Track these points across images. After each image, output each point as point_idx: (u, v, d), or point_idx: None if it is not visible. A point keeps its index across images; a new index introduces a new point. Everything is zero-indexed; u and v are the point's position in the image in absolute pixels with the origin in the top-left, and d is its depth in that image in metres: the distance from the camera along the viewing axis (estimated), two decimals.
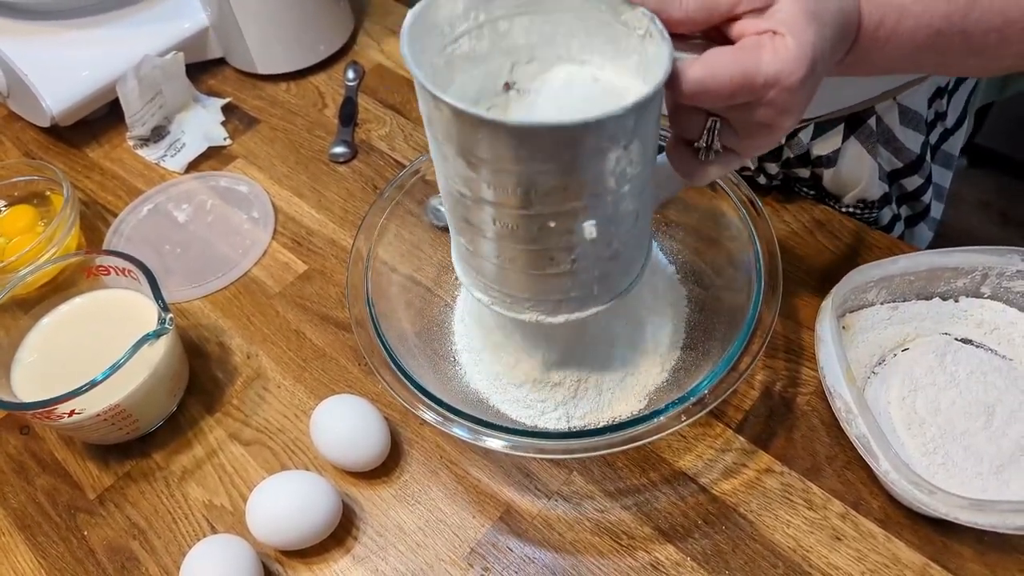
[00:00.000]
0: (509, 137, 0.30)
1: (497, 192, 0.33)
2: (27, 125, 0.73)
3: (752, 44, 0.30)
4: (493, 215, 0.34)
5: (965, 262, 0.49)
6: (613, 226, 0.35)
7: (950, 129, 0.62)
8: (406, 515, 0.46)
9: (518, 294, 0.39)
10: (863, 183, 0.57)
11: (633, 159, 0.32)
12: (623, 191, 0.34)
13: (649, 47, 0.33)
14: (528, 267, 0.37)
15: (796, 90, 0.30)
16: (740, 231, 0.47)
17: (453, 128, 0.31)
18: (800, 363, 0.51)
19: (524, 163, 0.31)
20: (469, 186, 0.34)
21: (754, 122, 0.32)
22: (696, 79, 0.30)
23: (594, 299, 0.40)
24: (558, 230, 0.34)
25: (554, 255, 0.36)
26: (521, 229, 0.34)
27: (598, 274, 0.38)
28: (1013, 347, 0.49)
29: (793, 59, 0.30)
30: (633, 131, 0.31)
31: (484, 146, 0.31)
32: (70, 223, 0.58)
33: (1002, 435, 0.45)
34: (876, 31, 0.33)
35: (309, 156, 0.68)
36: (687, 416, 0.40)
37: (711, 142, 0.34)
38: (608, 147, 0.31)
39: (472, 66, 0.37)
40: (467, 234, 0.38)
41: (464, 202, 0.35)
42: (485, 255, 0.38)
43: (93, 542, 0.47)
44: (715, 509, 0.45)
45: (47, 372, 0.50)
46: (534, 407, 0.47)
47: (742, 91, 0.30)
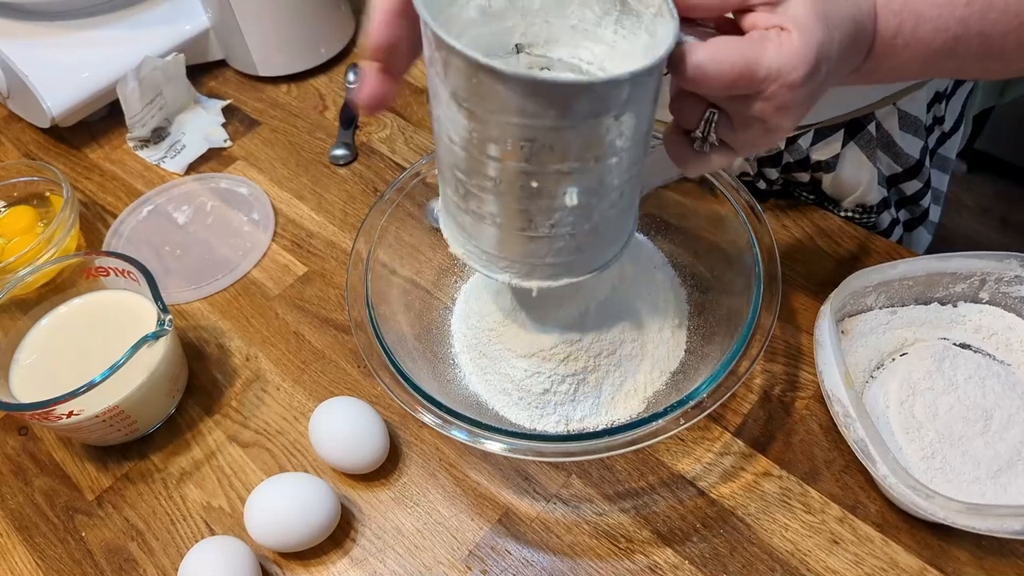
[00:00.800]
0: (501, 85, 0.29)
1: (484, 142, 0.32)
2: (27, 126, 0.73)
3: (759, 37, 0.30)
4: (481, 167, 0.34)
5: (964, 267, 0.49)
6: (595, 198, 0.35)
7: (947, 133, 0.62)
8: (404, 517, 0.46)
9: (494, 251, 0.39)
10: (862, 188, 0.58)
11: (624, 132, 0.32)
12: (610, 163, 0.34)
13: (659, 27, 0.33)
14: (509, 225, 0.36)
15: (796, 87, 0.30)
16: (740, 235, 0.47)
17: (452, 72, 0.31)
18: (799, 367, 0.51)
19: (514, 114, 0.30)
20: (461, 135, 0.33)
21: (752, 116, 0.32)
22: (698, 63, 0.30)
23: (568, 270, 0.40)
24: (540, 191, 0.34)
25: (533, 217, 0.35)
26: (504, 184, 0.34)
27: (575, 245, 0.38)
28: (1011, 352, 0.49)
29: (796, 56, 0.30)
30: (627, 102, 0.31)
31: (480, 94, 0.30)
32: (69, 224, 0.58)
33: (1000, 440, 0.45)
34: (893, 39, 0.33)
35: (309, 158, 0.68)
36: (686, 419, 0.40)
37: (707, 133, 0.34)
38: (599, 112, 0.31)
39: (484, 23, 0.36)
40: (452, 185, 0.37)
41: (452, 148, 0.35)
42: (469, 210, 0.37)
43: (91, 543, 0.47)
44: (713, 513, 0.45)
45: (46, 373, 0.50)
46: (533, 410, 0.47)
47: (742, 81, 0.30)
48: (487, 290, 0.51)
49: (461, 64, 0.30)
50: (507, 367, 0.49)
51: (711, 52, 0.30)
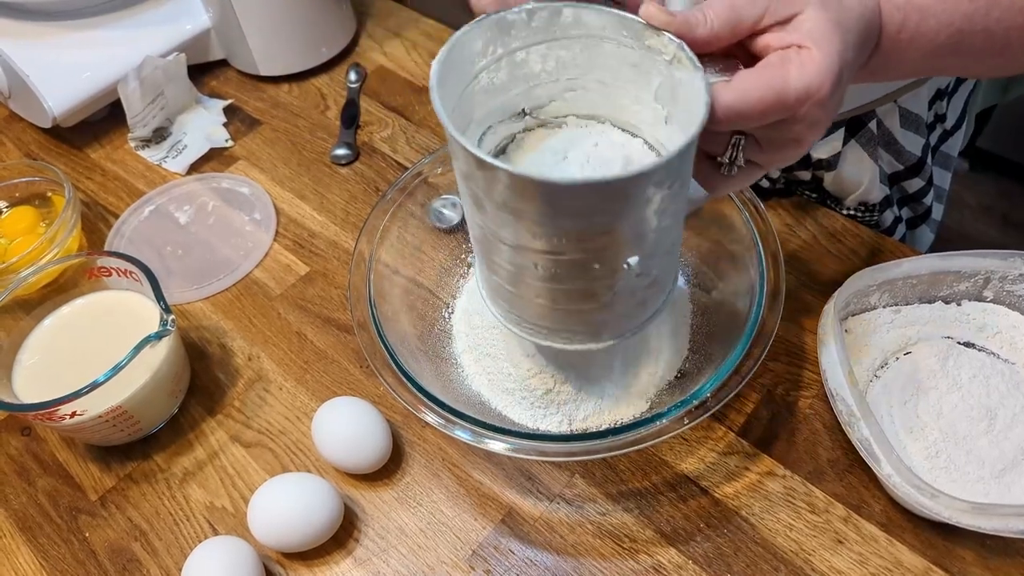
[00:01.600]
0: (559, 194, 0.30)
1: (540, 241, 0.33)
2: (28, 126, 0.73)
3: (778, 60, 0.30)
4: (535, 260, 0.34)
5: (968, 266, 0.49)
6: (654, 258, 0.36)
7: (949, 131, 0.62)
8: (408, 517, 0.46)
9: (555, 327, 0.39)
10: (864, 186, 0.58)
11: (675, 194, 0.33)
12: (664, 225, 0.34)
13: (676, 72, 0.33)
14: (567, 303, 0.37)
15: (826, 102, 0.30)
16: (743, 234, 0.47)
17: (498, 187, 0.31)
18: (802, 366, 0.51)
19: (570, 216, 0.31)
20: (511, 234, 0.34)
21: (786, 139, 0.32)
22: (728, 105, 0.30)
23: (630, 323, 0.40)
24: (602, 271, 0.34)
25: (595, 292, 0.36)
26: (562, 271, 0.34)
27: (636, 302, 0.39)
28: (1016, 351, 0.49)
29: (821, 71, 0.30)
30: (677, 172, 0.31)
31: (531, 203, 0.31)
32: (71, 224, 0.58)
33: (1004, 439, 0.45)
34: (898, 33, 0.33)
35: (311, 158, 0.68)
36: (689, 419, 0.40)
37: (735, 157, 0.34)
38: (654, 192, 0.31)
39: (490, 98, 0.37)
40: (501, 274, 0.38)
41: (500, 247, 0.35)
42: (521, 294, 0.38)
43: (94, 543, 0.47)
44: (717, 512, 0.45)
45: (48, 373, 0.50)
46: (536, 409, 0.47)
47: (774, 110, 0.30)
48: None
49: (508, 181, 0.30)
50: (510, 366, 0.48)
51: (738, 91, 0.30)
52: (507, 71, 0.36)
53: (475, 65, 0.35)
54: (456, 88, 0.35)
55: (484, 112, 0.37)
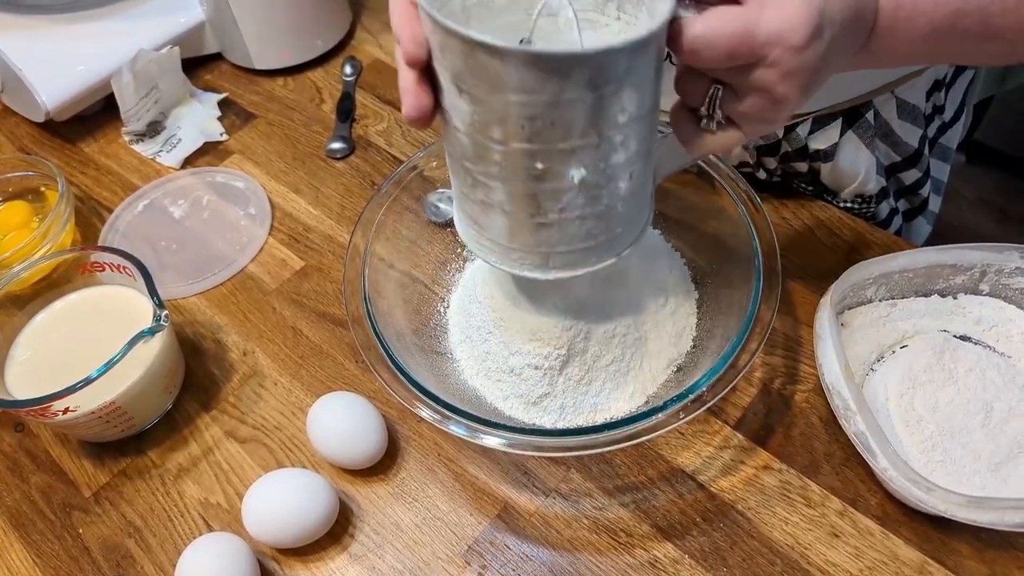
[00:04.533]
0: (497, 60, 0.29)
1: (486, 124, 0.32)
2: (21, 120, 0.73)
3: (755, 3, 0.30)
4: (486, 152, 0.34)
5: (964, 259, 0.48)
6: (603, 178, 0.35)
7: (948, 122, 0.62)
8: (403, 513, 0.46)
9: (506, 242, 0.39)
10: (861, 177, 0.57)
11: (626, 107, 0.32)
12: (614, 140, 0.33)
13: (658, 6, 0.32)
14: (516, 211, 0.36)
15: (799, 50, 0.30)
16: (739, 227, 0.47)
17: (449, 52, 0.31)
18: (799, 360, 0.50)
19: (513, 91, 0.30)
20: (462, 118, 0.33)
21: (755, 85, 0.31)
22: (695, 34, 0.30)
23: (582, 259, 0.39)
24: (546, 172, 0.34)
25: (541, 202, 0.35)
26: (509, 167, 0.34)
27: (586, 230, 0.38)
28: (1011, 344, 0.49)
29: (797, 16, 0.29)
30: (625, 74, 0.31)
31: (474, 72, 0.30)
32: (65, 219, 0.58)
33: (1000, 432, 0.45)
34: (895, 11, 0.33)
35: (306, 152, 0.68)
36: (685, 413, 0.40)
37: (712, 110, 0.34)
38: (598, 85, 0.30)
39: (488, 17, 0.36)
40: (461, 175, 0.37)
41: (458, 136, 0.35)
42: (476, 197, 0.37)
43: (88, 540, 0.47)
44: (713, 506, 0.45)
45: (42, 369, 0.49)
46: (531, 404, 0.47)
47: (742, 48, 0.30)
48: (486, 280, 0.51)
49: (457, 44, 0.30)
50: (506, 359, 0.48)
51: (707, 23, 0.30)
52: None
53: None
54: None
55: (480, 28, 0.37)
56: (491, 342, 0.49)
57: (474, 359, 0.49)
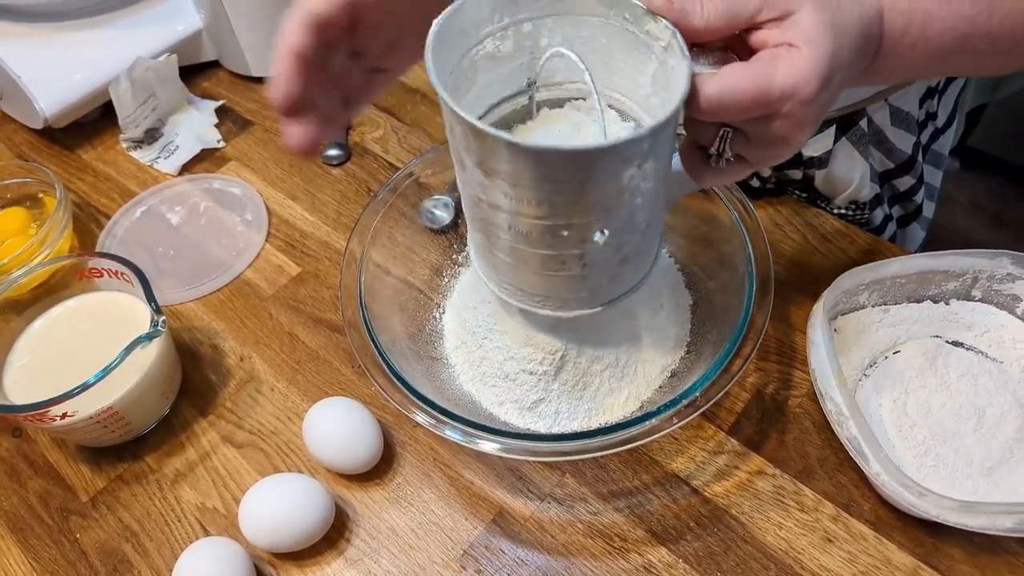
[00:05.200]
0: (525, 157, 0.30)
1: (511, 202, 0.33)
2: (20, 127, 0.73)
3: (768, 57, 0.30)
4: (508, 220, 0.35)
5: (956, 265, 0.49)
6: (625, 235, 0.36)
7: (940, 129, 0.62)
8: (399, 517, 0.46)
9: (530, 290, 0.40)
10: (855, 184, 0.58)
11: (647, 175, 0.33)
12: (636, 203, 0.34)
13: (670, 59, 0.33)
14: (540, 268, 0.38)
15: (811, 102, 0.30)
16: (732, 234, 0.48)
17: (472, 142, 0.32)
18: (792, 365, 0.51)
19: (539, 181, 0.31)
20: (485, 192, 0.34)
21: (770, 135, 0.32)
22: (712, 96, 0.30)
23: (604, 297, 0.41)
24: (570, 239, 0.35)
25: (566, 259, 0.36)
26: (535, 234, 0.35)
27: (608, 277, 0.39)
28: (1003, 350, 0.49)
29: (808, 71, 0.30)
30: (648, 152, 0.32)
31: (501, 162, 0.31)
32: (63, 225, 0.58)
33: (992, 437, 0.45)
34: (901, 38, 0.33)
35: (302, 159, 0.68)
36: (679, 419, 0.40)
37: (723, 150, 0.34)
38: (622, 168, 0.32)
39: (496, 65, 0.37)
40: (483, 232, 0.38)
41: (480, 205, 0.36)
42: (499, 253, 0.38)
43: (85, 545, 0.47)
44: (707, 511, 0.45)
45: (39, 374, 0.50)
46: (527, 409, 0.47)
47: (757, 105, 0.30)
48: (481, 286, 0.51)
49: (480, 139, 0.31)
50: (501, 365, 0.48)
51: (723, 83, 0.30)
52: (513, 41, 0.37)
53: (480, 31, 0.35)
54: (457, 50, 0.35)
55: (488, 78, 0.38)
56: (486, 347, 0.49)
57: (469, 364, 0.50)
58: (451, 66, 0.35)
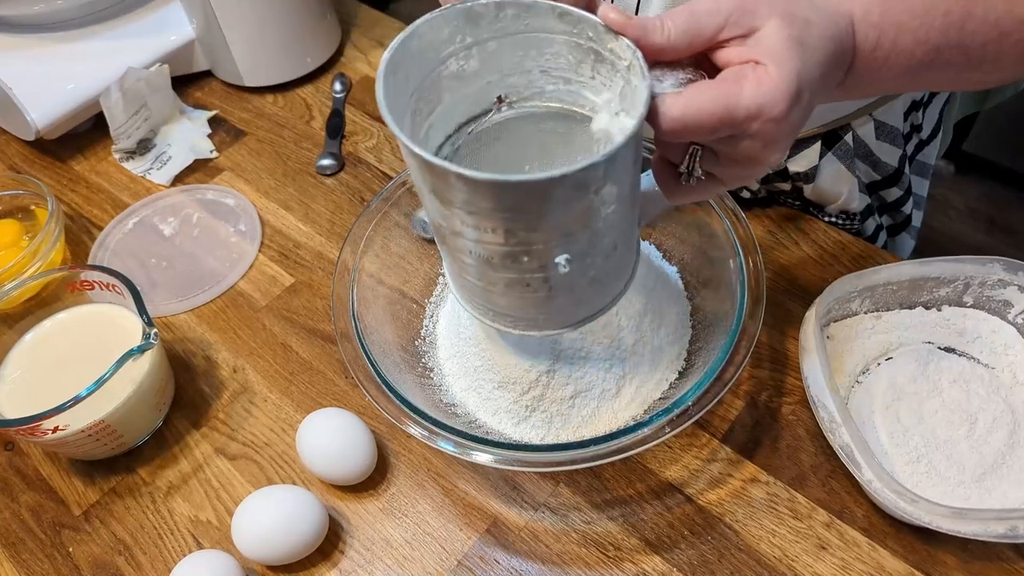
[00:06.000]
0: (476, 188, 0.30)
1: (470, 229, 0.33)
2: (12, 138, 0.73)
3: (733, 76, 0.30)
4: (469, 247, 0.35)
5: (947, 272, 0.49)
6: (589, 258, 0.35)
7: (926, 140, 0.62)
8: (393, 528, 0.46)
9: (501, 311, 0.40)
10: (844, 196, 0.58)
11: (606, 200, 0.32)
12: (597, 228, 0.34)
13: (633, 78, 0.33)
14: (506, 291, 0.37)
15: (780, 120, 0.30)
16: (724, 242, 0.48)
17: (425, 173, 0.31)
18: (785, 373, 0.51)
19: (494, 211, 0.31)
20: (445, 220, 0.34)
21: (739, 154, 0.32)
22: (675, 117, 0.30)
23: (573, 318, 0.40)
24: (531, 264, 0.34)
25: (530, 282, 0.36)
26: (496, 259, 0.35)
27: (577, 299, 0.38)
28: (995, 355, 0.49)
29: (775, 89, 0.29)
30: (604, 177, 0.31)
31: (454, 192, 0.31)
32: (55, 237, 0.58)
33: (984, 443, 0.45)
34: (873, 52, 0.33)
35: (296, 168, 0.68)
36: (671, 428, 0.40)
37: (692, 168, 0.34)
38: (579, 195, 0.31)
39: (461, 84, 0.37)
40: (448, 257, 0.39)
41: (442, 231, 0.36)
42: (467, 276, 0.38)
43: (78, 558, 0.47)
44: (701, 519, 0.45)
45: (31, 388, 0.49)
46: (521, 420, 0.47)
47: (723, 126, 0.30)
48: None
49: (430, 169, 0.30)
50: (494, 374, 0.48)
51: (686, 103, 0.30)
52: (478, 60, 0.36)
53: (441, 52, 0.35)
54: (418, 73, 0.34)
55: (455, 99, 0.37)
56: (480, 357, 0.49)
57: (463, 374, 0.49)
58: (412, 87, 0.34)
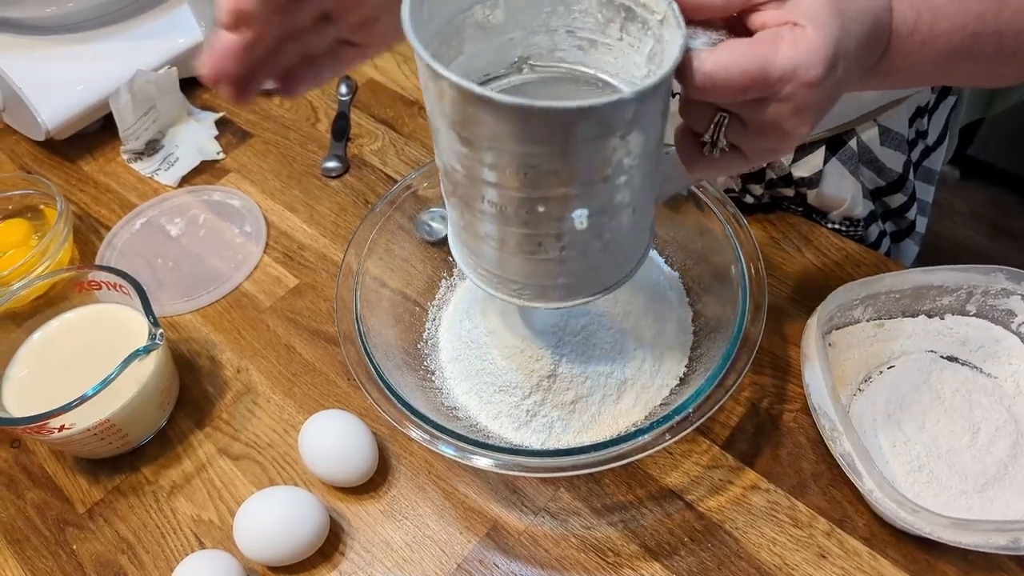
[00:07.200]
0: (501, 115, 0.28)
1: (487, 170, 0.32)
2: (22, 138, 0.73)
3: (770, 36, 0.29)
4: (483, 193, 0.33)
5: (950, 280, 0.49)
6: (606, 217, 0.34)
7: (931, 146, 0.62)
8: (393, 531, 0.46)
9: (506, 276, 0.38)
10: (848, 202, 0.58)
11: (631, 150, 0.31)
12: (618, 182, 0.32)
13: (666, 34, 0.31)
14: (517, 249, 0.36)
15: (814, 86, 0.29)
16: (726, 247, 0.48)
17: (446, 100, 0.30)
18: (787, 380, 0.51)
19: (515, 143, 0.30)
20: (461, 162, 0.33)
21: (766, 120, 0.30)
22: (706, 72, 0.28)
23: (581, 290, 0.39)
24: (548, 215, 0.33)
25: (543, 240, 0.35)
26: (510, 210, 0.33)
27: (588, 265, 0.37)
28: (998, 365, 0.49)
29: (813, 52, 0.28)
30: (632, 121, 0.30)
31: (476, 122, 0.30)
32: (63, 237, 0.58)
33: (987, 453, 0.45)
34: (911, 34, 0.32)
35: (301, 170, 0.69)
36: (672, 434, 0.40)
37: (717, 137, 0.33)
38: (604, 135, 0.30)
39: (484, 37, 0.35)
40: (458, 209, 0.37)
41: (455, 177, 0.34)
42: (476, 233, 0.37)
43: (82, 556, 0.47)
44: (701, 526, 0.45)
45: (38, 387, 0.50)
46: (523, 423, 0.47)
47: (755, 85, 0.29)
48: (478, 298, 0.51)
49: (454, 93, 0.29)
50: (496, 377, 0.49)
51: (719, 59, 0.28)
52: (504, 12, 0.35)
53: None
54: (441, 12, 0.33)
55: (476, 49, 0.36)
56: (482, 360, 0.49)
57: (465, 377, 0.50)
58: (434, 29, 0.33)
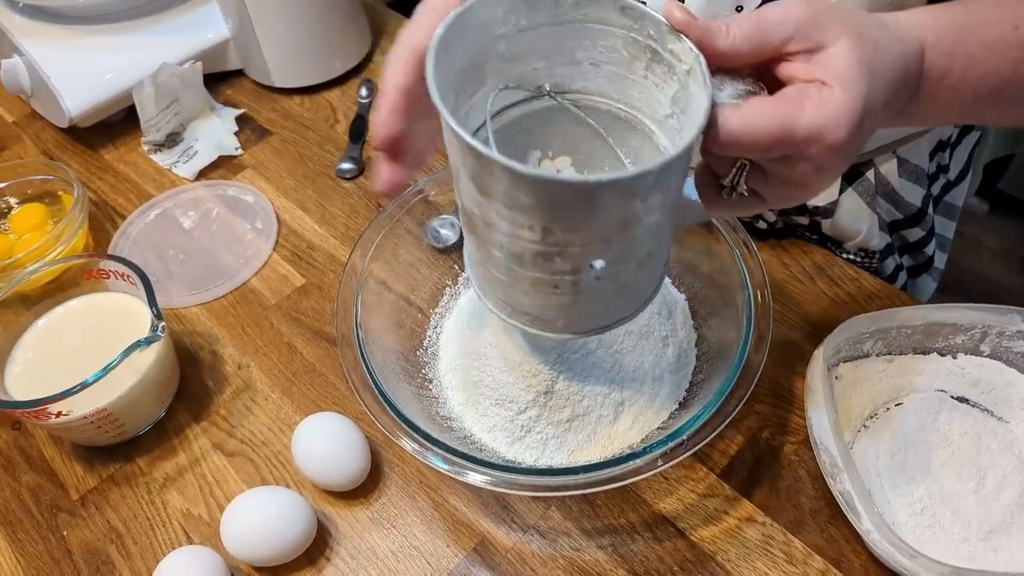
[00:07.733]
0: (522, 183, 0.29)
1: (506, 223, 0.32)
2: (47, 124, 0.75)
3: (795, 94, 0.28)
4: (501, 240, 0.34)
5: (964, 319, 0.48)
6: (623, 265, 0.34)
7: (953, 182, 0.61)
8: (380, 539, 0.46)
9: (520, 308, 0.39)
10: (863, 234, 0.57)
11: (651, 208, 0.32)
12: (637, 235, 0.33)
13: (691, 84, 0.31)
14: (531, 289, 0.36)
15: (838, 147, 0.28)
16: (733, 271, 0.47)
17: (469, 159, 0.30)
18: (790, 411, 0.50)
19: (536, 208, 0.30)
20: (479, 208, 0.33)
21: (789, 176, 0.30)
22: (732, 130, 0.28)
23: (596, 324, 0.39)
24: (565, 265, 0.33)
25: (559, 284, 0.35)
26: (527, 257, 0.33)
27: (602, 303, 0.37)
28: (1010, 409, 0.47)
29: (841, 114, 0.28)
30: (654, 185, 0.30)
31: (497, 183, 0.30)
32: (78, 224, 0.59)
33: (993, 500, 0.44)
34: (942, 80, 0.32)
35: (317, 170, 0.69)
36: (665, 460, 0.40)
37: (737, 182, 0.33)
38: (626, 202, 0.30)
39: (508, 66, 0.36)
40: (475, 244, 0.37)
41: (473, 219, 0.34)
42: (490, 268, 0.37)
43: (71, 543, 0.47)
44: (692, 556, 0.44)
45: (41, 371, 0.50)
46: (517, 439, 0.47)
47: (779, 145, 0.29)
48: (480, 310, 0.51)
49: (477, 159, 0.29)
50: (493, 391, 0.48)
51: (745, 119, 0.28)
52: (529, 44, 0.35)
53: (494, 32, 0.34)
54: (468, 52, 0.34)
55: (499, 82, 0.36)
56: (481, 371, 0.49)
57: (462, 388, 0.49)
58: (458, 67, 0.33)
